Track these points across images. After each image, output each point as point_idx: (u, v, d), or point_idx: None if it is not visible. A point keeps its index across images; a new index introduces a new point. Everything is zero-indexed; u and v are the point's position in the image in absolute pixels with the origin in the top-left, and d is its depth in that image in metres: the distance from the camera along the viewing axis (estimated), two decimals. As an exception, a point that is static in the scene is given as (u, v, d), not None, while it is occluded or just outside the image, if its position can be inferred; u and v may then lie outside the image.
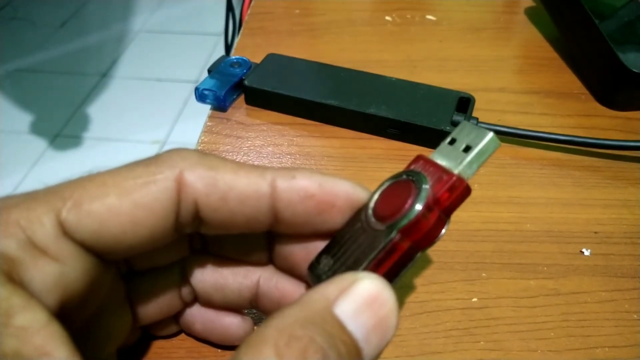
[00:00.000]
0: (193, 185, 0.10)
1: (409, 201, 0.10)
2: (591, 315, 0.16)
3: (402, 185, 0.10)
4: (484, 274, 0.17)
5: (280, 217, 0.11)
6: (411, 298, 0.16)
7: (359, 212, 0.11)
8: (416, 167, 0.11)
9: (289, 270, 0.13)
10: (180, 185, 0.10)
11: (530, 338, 0.15)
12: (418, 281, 0.17)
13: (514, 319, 0.16)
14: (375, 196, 0.11)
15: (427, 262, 0.18)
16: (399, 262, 0.10)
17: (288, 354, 0.08)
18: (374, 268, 0.10)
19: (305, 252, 0.12)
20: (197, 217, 0.11)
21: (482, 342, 0.15)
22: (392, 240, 0.10)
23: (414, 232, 0.10)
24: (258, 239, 0.13)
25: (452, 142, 0.11)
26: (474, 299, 0.16)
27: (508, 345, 0.15)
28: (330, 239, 0.11)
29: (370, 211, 0.11)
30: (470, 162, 0.10)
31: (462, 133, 0.10)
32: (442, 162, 0.10)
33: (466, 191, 0.10)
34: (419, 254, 0.10)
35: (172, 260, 0.13)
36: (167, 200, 0.10)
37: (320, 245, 0.12)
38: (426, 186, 0.10)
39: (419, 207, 0.10)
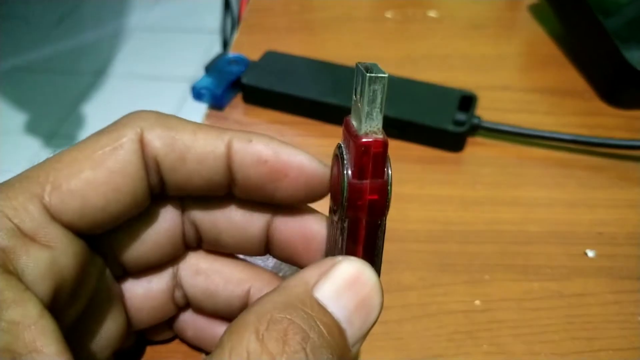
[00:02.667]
0: (152, 144, 0.11)
1: (339, 182, 0.10)
2: (595, 317, 0.16)
3: (336, 163, 0.10)
4: (486, 276, 0.17)
5: (234, 178, 0.11)
6: (413, 300, 0.16)
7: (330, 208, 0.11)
8: (343, 137, 0.10)
9: (287, 260, 0.13)
10: (142, 146, 0.11)
11: (534, 341, 0.15)
12: (419, 283, 0.17)
13: (517, 321, 0.16)
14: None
15: (429, 264, 0.17)
16: (367, 238, 0.10)
17: (268, 337, 0.08)
18: (351, 252, 0.10)
19: (305, 242, 0.12)
20: (160, 177, 0.11)
21: (484, 346, 0.15)
22: (346, 223, 0.10)
23: (360, 209, 0.10)
24: (255, 228, 0.13)
25: (355, 93, 0.10)
26: (477, 302, 0.16)
27: (511, 349, 0.15)
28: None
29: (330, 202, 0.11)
30: (368, 115, 0.09)
31: (357, 80, 0.10)
32: (354, 121, 0.10)
33: (381, 146, 0.09)
34: (380, 222, 0.10)
35: (167, 259, 0.13)
36: (136, 161, 0.10)
37: (317, 234, 0.12)
38: (347, 162, 0.10)
39: (346, 184, 0.10)
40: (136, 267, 0.12)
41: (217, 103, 0.24)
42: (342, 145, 0.10)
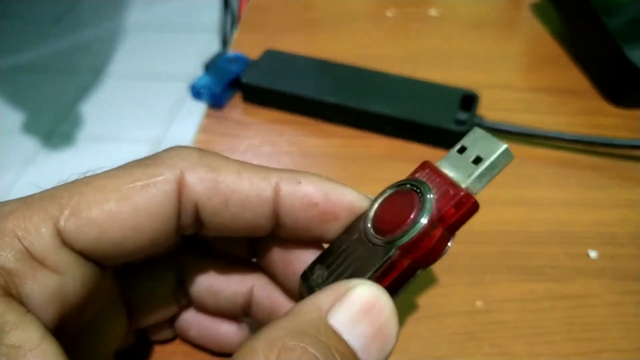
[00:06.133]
0: (194, 187, 0.10)
1: (412, 216, 0.09)
2: (597, 318, 0.16)
3: (405, 196, 0.10)
4: (488, 277, 0.17)
5: (281, 222, 0.11)
6: (414, 301, 0.16)
7: (358, 221, 0.11)
8: (421, 176, 0.10)
9: (266, 267, 0.13)
10: (180, 188, 0.10)
11: (536, 342, 0.15)
12: (421, 284, 0.17)
13: (519, 322, 0.15)
14: (376, 205, 0.10)
15: (431, 264, 0.17)
16: (398, 279, 0.10)
17: None
18: (376, 279, 0.10)
19: (282, 254, 0.12)
20: (198, 219, 0.11)
21: (486, 347, 0.15)
22: (391, 257, 0.09)
23: (415, 250, 0.09)
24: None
25: (462, 150, 0.10)
26: (478, 303, 0.16)
27: (513, 350, 0.15)
28: (326, 247, 0.11)
29: (369, 222, 0.10)
30: (481, 176, 0.09)
31: (474, 141, 0.10)
32: (449, 172, 0.10)
33: (474, 208, 0.09)
34: (419, 272, 0.10)
35: (167, 251, 0.13)
36: (168, 204, 0.10)
37: (300, 250, 0.11)
38: (431, 200, 0.09)
39: (422, 223, 0.09)
40: (136, 260, 0.12)
41: (216, 102, 0.23)
42: (425, 182, 0.10)
